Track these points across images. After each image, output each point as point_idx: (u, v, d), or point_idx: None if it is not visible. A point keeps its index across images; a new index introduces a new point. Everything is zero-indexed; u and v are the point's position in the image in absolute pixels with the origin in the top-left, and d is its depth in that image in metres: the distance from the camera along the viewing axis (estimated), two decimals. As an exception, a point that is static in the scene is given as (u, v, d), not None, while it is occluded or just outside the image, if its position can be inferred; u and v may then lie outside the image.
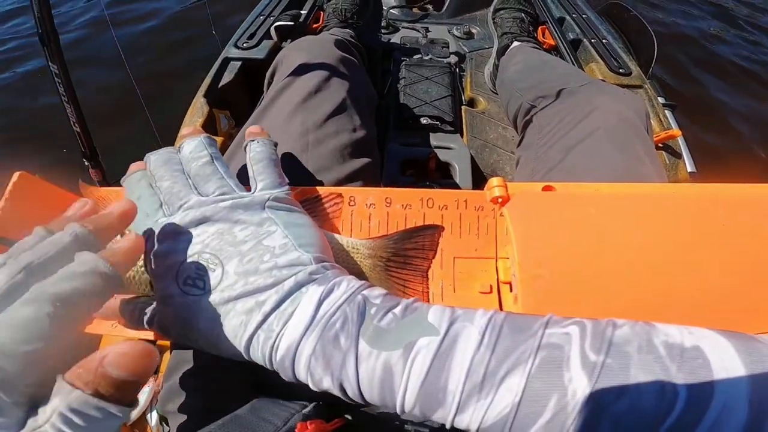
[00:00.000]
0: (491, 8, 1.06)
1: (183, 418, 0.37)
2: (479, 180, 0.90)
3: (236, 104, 0.94)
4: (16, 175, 0.31)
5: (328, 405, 0.38)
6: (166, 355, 0.54)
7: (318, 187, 0.37)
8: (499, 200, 0.36)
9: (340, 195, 0.36)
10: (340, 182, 0.45)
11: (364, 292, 0.26)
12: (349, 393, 0.24)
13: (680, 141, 0.85)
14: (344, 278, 0.27)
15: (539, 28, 1.08)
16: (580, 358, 0.21)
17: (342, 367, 0.23)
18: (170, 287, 0.25)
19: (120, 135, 1.30)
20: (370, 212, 0.36)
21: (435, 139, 0.91)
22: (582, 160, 0.49)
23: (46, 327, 0.20)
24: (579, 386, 0.20)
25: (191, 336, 0.26)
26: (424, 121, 0.94)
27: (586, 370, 0.21)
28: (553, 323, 0.23)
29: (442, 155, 0.86)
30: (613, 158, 0.47)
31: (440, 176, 0.87)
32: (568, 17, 1.12)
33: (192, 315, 0.25)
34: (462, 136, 0.95)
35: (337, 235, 0.35)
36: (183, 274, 0.26)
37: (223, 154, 0.79)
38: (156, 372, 0.59)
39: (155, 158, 0.31)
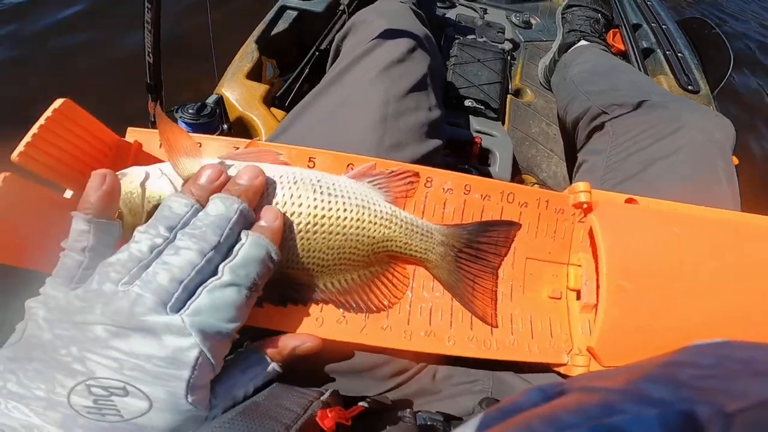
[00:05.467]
0: (564, 2, 1.02)
1: None
2: (514, 172, 0.88)
3: (284, 54, 0.90)
4: (59, 102, 0.29)
5: (344, 392, 0.36)
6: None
7: (395, 161, 0.35)
8: (584, 206, 0.34)
9: (417, 174, 0.34)
10: (415, 161, 0.43)
11: None
12: None
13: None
14: None
15: (610, 30, 1.04)
16: None
17: None
18: None
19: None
20: (446, 197, 0.34)
21: (477, 124, 0.89)
22: (663, 176, 0.47)
23: (245, 307, 0.24)
24: None
25: None
26: (468, 103, 0.92)
27: None
28: None
29: (484, 141, 0.84)
30: (695, 178, 0.45)
31: (478, 162, 0.86)
32: (645, 25, 1.08)
33: None
34: (503, 124, 0.93)
35: (411, 216, 0.33)
36: None
37: (263, 101, 0.78)
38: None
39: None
